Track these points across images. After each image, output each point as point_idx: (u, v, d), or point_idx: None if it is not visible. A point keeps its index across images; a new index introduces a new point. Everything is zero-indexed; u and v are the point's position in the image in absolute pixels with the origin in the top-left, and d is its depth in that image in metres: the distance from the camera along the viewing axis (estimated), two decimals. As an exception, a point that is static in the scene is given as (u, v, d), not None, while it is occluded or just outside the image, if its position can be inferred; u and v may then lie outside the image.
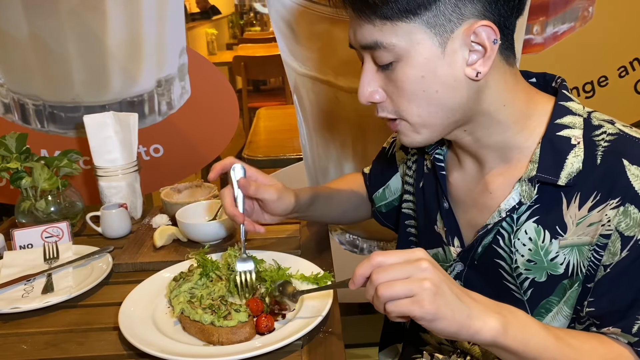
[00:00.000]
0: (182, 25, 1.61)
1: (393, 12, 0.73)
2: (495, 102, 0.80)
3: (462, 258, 0.91)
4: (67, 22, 1.54)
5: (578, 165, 0.76)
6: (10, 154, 1.28)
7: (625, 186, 0.73)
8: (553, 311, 0.83)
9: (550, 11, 1.60)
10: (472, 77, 0.75)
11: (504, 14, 0.75)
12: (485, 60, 0.74)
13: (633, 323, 0.73)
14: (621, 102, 1.69)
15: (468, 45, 0.74)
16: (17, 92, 1.62)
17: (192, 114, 1.67)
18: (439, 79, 0.76)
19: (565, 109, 0.80)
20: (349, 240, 1.93)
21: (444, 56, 0.74)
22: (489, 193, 0.86)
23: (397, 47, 0.75)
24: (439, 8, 0.72)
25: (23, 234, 1.19)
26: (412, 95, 0.77)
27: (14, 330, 0.93)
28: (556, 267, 0.80)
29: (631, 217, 0.72)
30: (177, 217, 1.19)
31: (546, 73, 0.89)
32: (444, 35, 0.73)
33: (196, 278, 0.96)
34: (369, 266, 0.69)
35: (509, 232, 0.83)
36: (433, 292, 0.65)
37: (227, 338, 0.84)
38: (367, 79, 0.80)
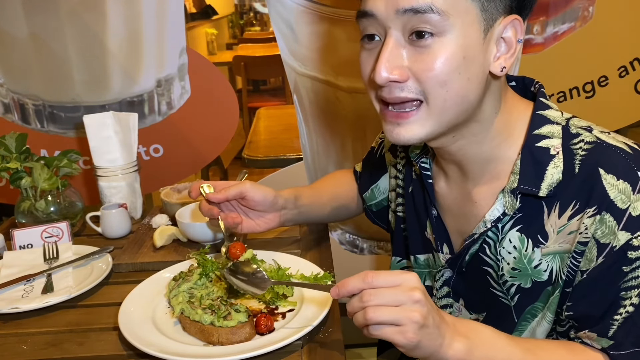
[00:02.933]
0: (182, 25, 1.61)
1: None
2: (491, 108, 0.80)
3: (451, 265, 0.92)
4: (67, 22, 1.54)
5: (558, 176, 0.77)
6: (10, 154, 1.28)
7: (601, 195, 0.73)
8: (538, 317, 0.84)
9: (550, 11, 1.60)
10: (497, 72, 0.75)
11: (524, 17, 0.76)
12: (510, 57, 0.75)
13: (608, 327, 0.74)
14: (621, 102, 1.69)
15: (498, 39, 0.74)
16: (17, 92, 1.62)
17: (192, 114, 1.67)
18: (474, 66, 0.73)
19: (543, 118, 0.80)
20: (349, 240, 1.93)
21: (483, 43, 0.73)
22: (475, 202, 0.86)
23: (451, 18, 0.70)
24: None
25: (23, 234, 1.19)
26: (446, 76, 0.72)
27: (14, 330, 0.93)
28: (540, 274, 0.81)
29: (607, 225, 0.73)
30: (177, 217, 1.19)
31: (525, 77, 0.89)
32: (489, 22, 0.73)
33: (196, 278, 0.96)
34: (360, 286, 0.68)
35: (494, 241, 0.84)
36: (419, 325, 0.66)
37: (227, 338, 0.83)
38: (390, 54, 0.72)
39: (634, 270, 0.72)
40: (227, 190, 1.02)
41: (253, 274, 0.90)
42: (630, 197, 0.72)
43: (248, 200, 1.04)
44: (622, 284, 0.73)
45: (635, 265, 0.72)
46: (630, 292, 0.73)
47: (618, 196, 0.72)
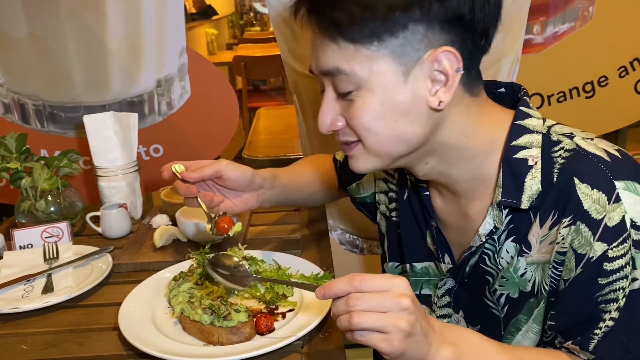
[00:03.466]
0: (182, 25, 1.61)
1: (359, 35, 0.71)
2: (456, 133, 0.78)
3: (453, 275, 0.92)
4: (67, 22, 1.54)
5: (537, 187, 0.76)
6: (10, 154, 1.28)
7: (576, 205, 0.72)
8: (522, 330, 0.84)
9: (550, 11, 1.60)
10: (435, 106, 0.74)
11: (470, 47, 0.73)
12: (448, 89, 0.73)
13: (589, 341, 0.73)
14: (621, 102, 1.70)
15: (431, 74, 0.73)
16: (17, 92, 1.62)
17: (192, 114, 1.67)
18: (399, 109, 0.74)
19: (522, 128, 0.78)
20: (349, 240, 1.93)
21: (406, 85, 0.73)
22: (469, 217, 0.86)
23: (358, 75, 0.73)
24: (407, 37, 0.70)
25: (23, 234, 1.19)
26: (370, 124, 0.75)
27: (14, 330, 0.93)
28: (525, 284, 0.81)
29: (582, 235, 0.72)
30: (177, 217, 1.19)
31: (514, 83, 0.87)
32: (408, 63, 0.72)
33: (196, 278, 0.96)
34: (346, 289, 0.67)
35: (492, 252, 0.84)
36: (406, 334, 0.64)
37: (227, 338, 0.84)
38: (328, 108, 0.79)
39: (612, 284, 0.71)
40: (202, 170, 0.97)
41: (235, 268, 0.87)
42: (605, 207, 0.70)
43: (224, 179, 0.99)
44: (599, 297, 0.72)
45: (613, 279, 0.71)
46: (609, 305, 0.72)
47: (592, 206, 0.71)
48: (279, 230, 1.27)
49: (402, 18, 0.70)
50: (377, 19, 0.70)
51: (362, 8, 0.70)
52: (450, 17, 0.70)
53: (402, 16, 0.69)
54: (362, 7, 0.70)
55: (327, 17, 0.73)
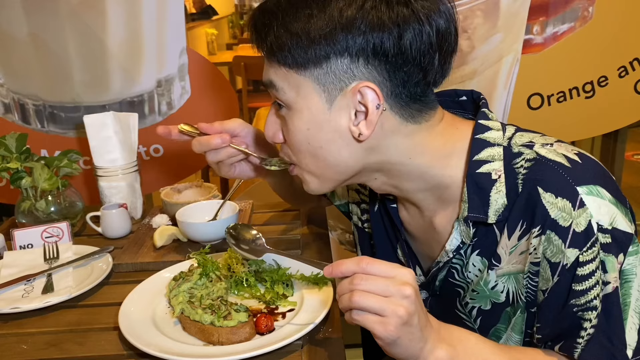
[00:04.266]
0: (182, 25, 1.61)
1: (287, 60, 0.74)
2: (397, 156, 0.78)
3: (424, 287, 0.92)
4: (67, 22, 1.54)
5: (502, 200, 0.76)
6: (10, 154, 1.28)
7: (542, 214, 0.72)
8: (503, 338, 0.84)
9: (550, 11, 1.60)
10: (355, 136, 0.75)
11: (402, 83, 0.73)
12: (368, 123, 0.74)
13: (573, 349, 0.73)
14: (621, 102, 1.69)
15: (355, 104, 0.74)
16: (17, 92, 1.62)
17: (192, 114, 1.67)
18: (323, 135, 0.76)
19: (483, 141, 0.78)
20: (349, 240, 1.93)
21: (330, 113, 0.74)
22: (435, 230, 0.86)
23: (287, 95, 0.76)
24: (330, 67, 0.72)
25: (23, 234, 1.19)
26: (299, 145, 0.78)
27: (14, 330, 0.93)
28: (497, 295, 0.81)
29: (554, 244, 0.72)
30: (177, 217, 1.19)
31: (473, 91, 0.87)
32: (332, 92, 0.73)
33: (196, 278, 0.96)
34: (354, 269, 0.68)
35: (460, 266, 0.84)
36: (403, 321, 0.65)
37: (227, 338, 0.84)
38: (271, 120, 0.83)
39: (586, 292, 0.71)
40: (222, 124, 0.98)
41: (253, 241, 0.88)
42: (571, 213, 0.70)
43: (240, 138, 1.00)
44: (576, 303, 0.72)
45: (586, 286, 0.71)
46: (588, 314, 0.71)
47: (559, 214, 0.71)
48: (279, 230, 1.27)
49: (324, 50, 0.71)
50: (302, 48, 0.72)
51: (290, 36, 0.72)
52: (373, 53, 0.71)
53: (324, 48, 0.71)
54: (290, 36, 0.72)
55: (260, 35, 0.76)
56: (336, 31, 0.70)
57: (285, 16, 0.73)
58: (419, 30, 0.70)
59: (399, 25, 0.69)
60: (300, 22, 0.72)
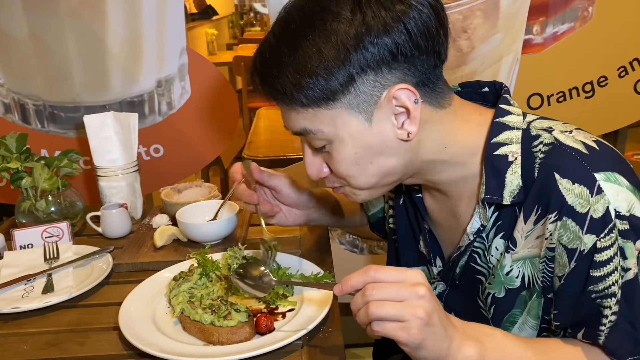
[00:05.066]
0: (182, 25, 1.61)
1: (310, 100, 0.73)
2: (436, 148, 0.80)
3: (443, 278, 0.92)
4: (67, 22, 1.54)
5: (517, 182, 0.76)
6: (11, 154, 1.28)
7: (559, 200, 0.72)
8: (518, 323, 0.84)
9: (550, 11, 1.60)
10: (404, 138, 0.75)
11: (424, 71, 0.74)
12: (412, 120, 0.74)
13: (597, 336, 0.74)
14: (621, 102, 1.69)
15: (393, 110, 0.74)
16: (17, 92, 1.62)
17: (192, 114, 1.67)
18: (372, 150, 0.76)
19: (502, 125, 0.79)
20: (349, 240, 1.93)
21: (372, 128, 0.75)
22: (458, 216, 0.87)
23: (325, 132, 0.76)
24: (358, 89, 0.72)
25: (23, 234, 1.19)
26: (350, 171, 0.78)
27: (14, 330, 0.93)
28: (512, 281, 0.81)
29: (571, 230, 0.72)
30: (177, 217, 1.19)
31: (495, 82, 0.88)
32: (368, 109, 0.74)
33: (196, 278, 0.96)
34: (363, 279, 0.67)
35: (482, 250, 0.84)
36: (424, 322, 0.64)
37: (227, 338, 0.84)
38: (310, 160, 0.83)
39: (605, 278, 0.71)
40: (270, 176, 1.02)
41: (259, 278, 0.90)
42: (588, 200, 0.70)
43: (282, 195, 1.03)
44: (595, 289, 0.72)
45: (605, 272, 0.71)
46: (607, 301, 0.72)
47: (576, 201, 0.71)
48: (279, 230, 1.27)
49: (345, 75, 0.71)
50: (324, 83, 0.72)
51: (308, 77, 0.72)
52: (391, 57, 0.71)
53: (345, 74, 0.71)
54: (307, 77, 0.72)
55: (275, 88, 0.75)
56: (350, 53, 0.70)
57: (293, 61, 0.72)
58: (419, 16, 0.71)
59: (402, 21, 0.70)
60: (312, 59, 0.71)
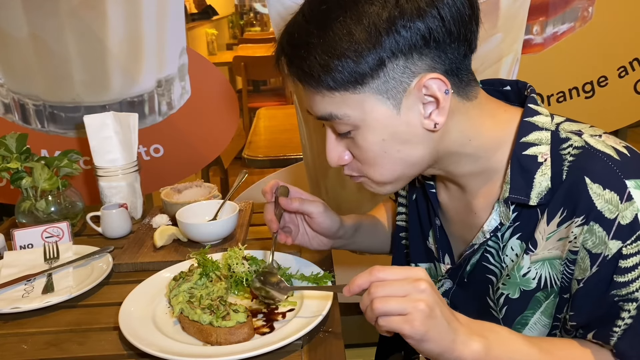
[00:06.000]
0: (182, 25, 1.61)
1: (338, 83, 0.72)
2: (460, 140, 0.79)
3: (451, 275, 0.92)
4: (67, 22, 1.54)
5: (546, 184, 0.76)
6: (11, 154, 1.28)
7: (588, 205, 0.72)
8: (530, 323, 0.83)
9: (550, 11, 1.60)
10: (431, 128, 0.75)
11: (455, 60, 0.73)
12: (441, 111, 0.74)
13: (609, 338, 0.74)
14: (621, 102, 1.70)
15: (421, 99, 0.73)
16: (17, 92, 1.62)
17: (192, 114, 1.67)
18: (399, 139, 0.75)
19: (531, 125, 0.78)
20: (349, 240, 1.92)
21: (400, 116, 0.74)
22: (474, 213, 0.86)
23: (352, 117, 0.75)
24: (388, 74, 0.71)
25: (23, 234, 1.20)
26: (376, 159, 0.78)
27: (14, 330, 0.93)
28: (528, 283, 0.81)
29: (597, 235, 0.72)
30: (177, 217, 1.19)
31: (519, 81, 0.87)
32: (396, 96, 0.73)
33: (196, 278, 0.96)
34: (368, 279, 0.69)
35: (496, 249, 0.84)
36: (426, 314, 0.65)
37: (225, 338, 0.84)
38: (332, 145, 0.82)
39: (629, 284, 0.71)
40: (302, 204, 0.99)
41: (277, 284, 0.92)
42: (618, 206, 0.70)
43: (314, 222, 1.01)
44: (616, 294, 0.72)
45: (630, 278, 0.71)
46: (628, 305, 0.72)
47: (605, 206, 0.71)
48: (279, 230, 1.27)
49: (376, 59, 0.70)
50: (353, 66, 0.71)
51: (337, 59, 0.71)
52: (424, 42, 0.70)
53: (375, 57, 0.70)
54: (337, 59, 0.71)
55: (302, 70, 0.74)
56: (381, 36, 0.69)
57: (323, 43, 0.71)
58: (453, 2, 0.70)
59: (436, 6, 0.69)
60: (342, 41, 0.70)
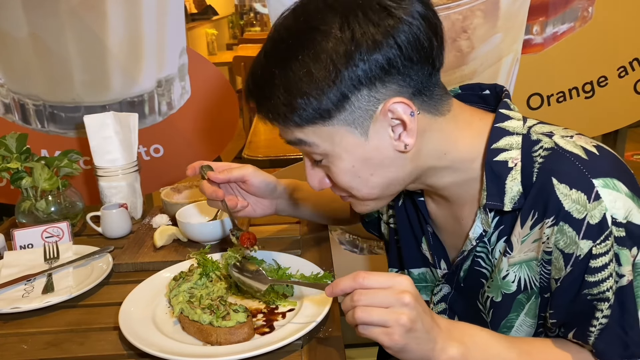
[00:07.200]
0: (182, 25, 1.61)
1: (304, 120, 0.73)
2: (435, 155, 0.79)
3: (448, 280, 0.92)
4: (67, 22, 1.54)
5: (518, 188, 0.76)
6: (11, 154, 1.28)
7: (556, 205, 0.72)
8: (515, 326, 0.84)
9: (550, 11, 1.60)
10: (402, 149, 0.75)
11: (420, 81, 0.73)
12: (409, 132, 0.74)
13: (587, 337, 0.74)
14: (621, 102, 1.70)
15: (389, 122, 0.73)
16: (17, 92, 1.62)
17: (192, 114, 1.67)
18: (370, 163, 0.76)
19: (502, 130, 0.78)
20: (349, 240, 1.93)
21: (368, 142, 0.74)
22: (461, 221, 0.87)
23: (321, 146, 0.76)
24: (353, 105, 0.72)
25: (23, 234, 1.20)
26: (350, 183, 0.78)
27: (14, 330, 0.93)
28: (508, 286, 0.82)
29: (567, 235, 0.72)
30: (177, 217, 1.19)
31: (497, 85, 0.87)
32: (363, 124, 0.73)
33: (196, 278, 0.96)
34: (352, 285, 0.69)
35: (485, 253, 0.85)
36: (407, 329, 0.66)
37: (225, 338, 0.84)
38: (311, 172, 0.83)
39: (599, 283, 0.71)
40: (229, 172, 1.02)
41: (256, 272, 0.92)
42: (586, 206, 0.70)
43: (249, 184, 1.04)
44: (589, 294, 0.73)
45: (600, 277, 0.71)
46: (601, 304, 0.72)
47: (573, 206, 0.71)
48: (279, 230, 1.27)
49: (339, 94, 0.71)
50: (316, 103, 0.71)
51: (300, 98, 0.72)
52: (384, 72, 0.71)
53: (338, 92, 0.71)
54: (300, 97, 0.72)
55: (269, 109, 0.75)
56: (340, 72, 0.70)
57: (285, 82, 0.72)
58: (409, 29, 0.70)
59: (392, 36, 0.69)
60: (303, 81, 0.71)
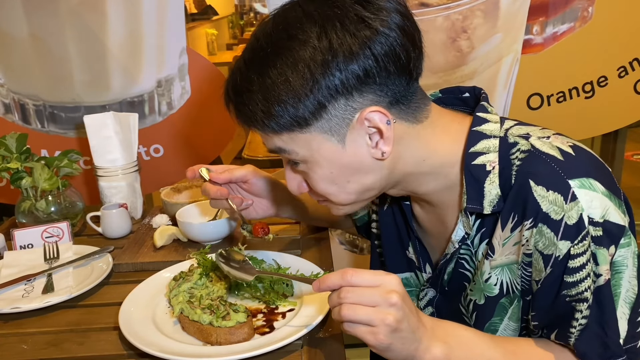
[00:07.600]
0: (182, 25, 1.61)
1: (281, 127, 0.74)
2: (414, 161, 0.80)
3: (432, 284, 0.92)
4: (67, 22, 1.54)
5: (496, 191, 0.77)
6: (11, 154, 1.28)
7: (534, 207, 0.72)
8: (499, 330, 0.84)
9: (550, 11, 1.60)
10: (379, 157, 0.76)
11: (397, 90, 0.74)
12: (386, 141, 0.74)
13: (568, 338, 0.75)
14: (621, 102, 1.70)
15: (366, 130, 0.74)
16: (17, 92, 1.63)
17: (192, 114, 1.67)
18: (347, 170, 0.77)
19: (479, 134, 0.79)
20: (349, 240, 1.93)
21: (345, 149, 0.75)
22: (445, 224, 0.87)
23: (300, 153, 0.77)
24: (330, 113, 0.72)
25: (23, 234, 1.20)
26: (326, 189, 0.79)
27: (14, 330, 0.93)
28: (491, 289, 0.82)
29: (546, 236, 0.72)
30: (177, 217, 1.19)
31: (475, 87, 0.88)
32: (340, 131, 0.74)
33: (196, 278, 0.96)
34: (339, 283, 0.69)
35: (469, 255, 0.85)
36: (392, 329, 0.66)
37: (225, 338, 0.84)
38: (290, 175, 0.84)
39: (578, 284, 0.72)
40: (231, 172, 1.03)
41: (243, 262, 0.91)
42: (563, 207, 0.71)
43: (250, 184, 1.05)
44: (568, 294, 0.73)
45: (578, 278, 0.72)
46: (580, 305, 0.72)
47: (550, 208, 0.71)
48: (279, 230, 1.27)
49: (316, 102, 0.71)
50: (294, 111, 0.72)
51: (277, 106, 0.72)
52: (360, 81, 0.71)
53: (315, 101, 0.71)
54: (277, 105, 0.72)
55: (247, 115, 0.76)
56: (317, 81, 0.70)
57: (263, 89, 0.72)
58: (386, 40, 0.71)
59: (369, 47, 0.70)
60: (280, 88, 0.71)
